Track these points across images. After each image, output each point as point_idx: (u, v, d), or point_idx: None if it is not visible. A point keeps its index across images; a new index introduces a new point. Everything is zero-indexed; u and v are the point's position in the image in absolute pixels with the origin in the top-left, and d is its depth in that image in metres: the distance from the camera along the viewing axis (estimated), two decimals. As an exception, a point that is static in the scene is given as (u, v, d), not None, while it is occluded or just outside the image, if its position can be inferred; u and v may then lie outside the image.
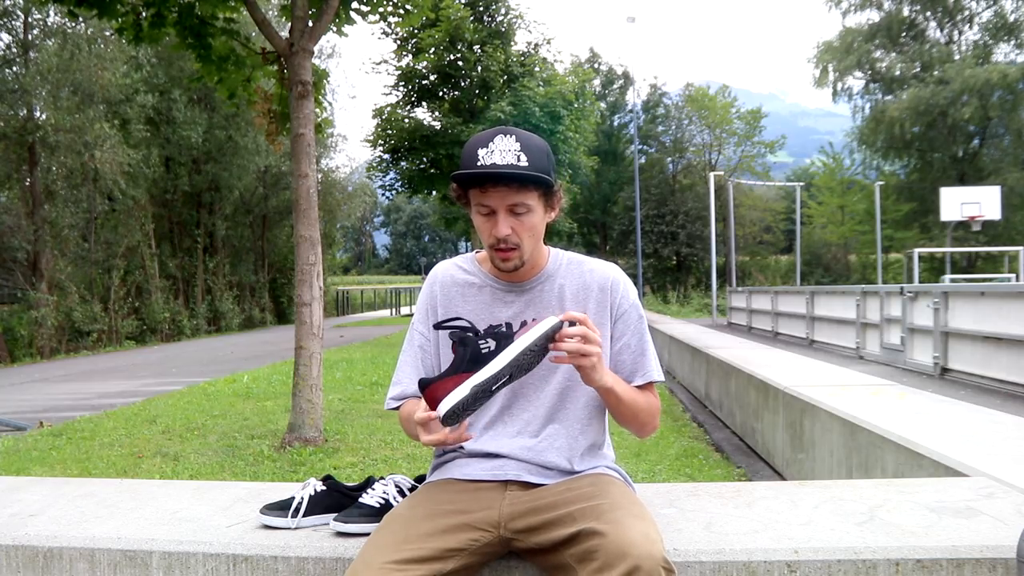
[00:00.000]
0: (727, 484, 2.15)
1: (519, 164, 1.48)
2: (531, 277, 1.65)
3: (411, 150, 18.69)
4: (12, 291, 16.68)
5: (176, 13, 5.94)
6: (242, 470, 4.94)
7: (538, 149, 1.52)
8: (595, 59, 40.14)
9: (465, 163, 1.51)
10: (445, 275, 1.71)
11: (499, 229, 1.52)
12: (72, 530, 1.74)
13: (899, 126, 28.77)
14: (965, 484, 1.99)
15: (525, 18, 19.41)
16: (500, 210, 1.51)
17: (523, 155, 1.49)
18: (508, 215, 1.52)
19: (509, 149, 1.49)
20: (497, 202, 1.51)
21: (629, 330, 1.66)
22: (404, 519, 1.48)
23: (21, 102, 16.34)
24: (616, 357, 1.65)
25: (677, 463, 4.94)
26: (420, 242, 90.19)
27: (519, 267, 1.58)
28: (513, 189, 1.50)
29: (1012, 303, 7.70)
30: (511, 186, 1.50)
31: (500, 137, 1.50)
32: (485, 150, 1.49)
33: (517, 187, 1.50)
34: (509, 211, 1.52)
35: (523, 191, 1.51)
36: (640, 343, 1.67)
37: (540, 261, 1.65)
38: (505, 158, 1.48)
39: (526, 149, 1.50)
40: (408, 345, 1.72)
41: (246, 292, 25.67)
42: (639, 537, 1.31)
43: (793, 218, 30.14)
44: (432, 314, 1.69)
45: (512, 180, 1.49)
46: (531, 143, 1.52)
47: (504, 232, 1.52)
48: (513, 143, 1.49)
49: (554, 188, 1.56)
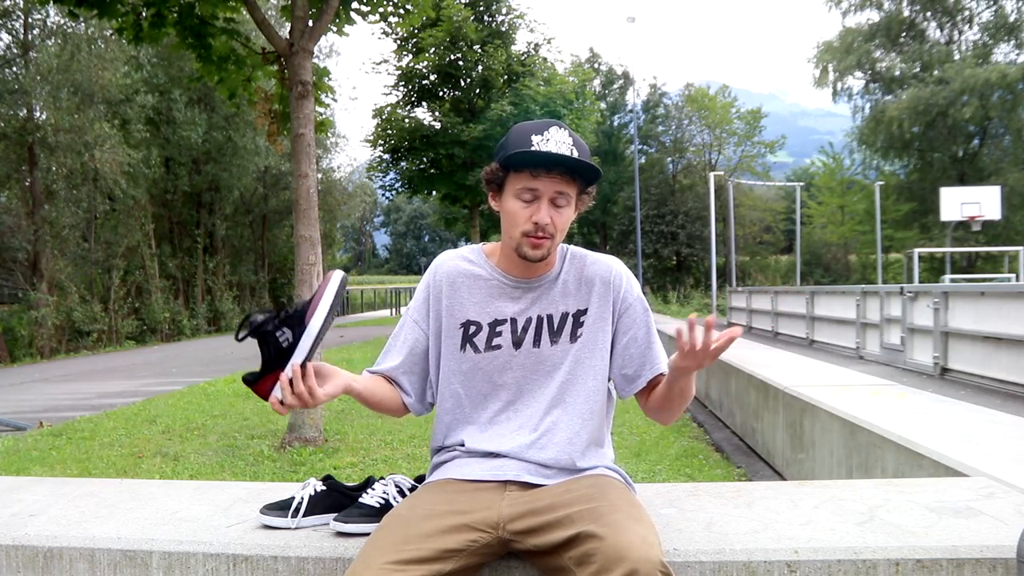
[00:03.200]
0: (727, 484, 2.15)
1: (573, 155, 1.51)
2: (540, 275, 1.65)
3: (411, 150, 18.68)
4: (12, 291, 16.68)
5: (176, 13, 5.95)
6: (242, 470, 4.94)
7: (585, 147, 1.56)
8: (595, 59, 40.17)
9: (517, 145, 1.52)
10: (450, 265, 1.70)
11: (542, 215, 1.53)
12: (72, 530, 1.74)
13: (899, 126, 28.76)
14: (965, 484, 1.99)
15: (526, 18, 19.42)
16: (545, 197, 1.53)
17: (575, 149, 1.52)
18: (551, 204, 1.54)
19: (564, 141, 1.52)
20: (545, 188, 1.53)
21: (635, 323, 1.66)
22: (404, 520, 1.48)
23: (21, 102, 16.34)
24: (624, 351, 1.65)
25: (677, 463, 4.94)
26: (420, 242, 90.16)
27: (545, 258, 1.58)
28: (564, 179, 1.53)
29: (1012, 303, 7.70)
30: (563, 175, 1.52)
31: (555, 128, 1.53)
32: (540, 137, 1.51)
33: (568, 177, 1.53)
34: (553, 200, 1.54)
35: (571, 182, 1.54)
36: (647, 336, 1.67)
37: (551, 259, 1.66)
38: (560, 148, 1.50)
39: (577, 144, 1.53)
40: (398, 329, 1.72)
41: (246, 292, 25.67)
42: (637, 541, 1.31)
43: (793, 218, 30.15)
44: (434, 301, 1.68)
45: (567, 168, 1.52)
46: (580, 140, 1.56)
47: (546, 219, 1.53)
48: (566, 136, 1.53)
49: (591, 187, 1.60)
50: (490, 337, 1.63)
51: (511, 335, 1.63)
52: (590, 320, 1.64)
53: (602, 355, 1.64)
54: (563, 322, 1.63)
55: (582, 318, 1.64)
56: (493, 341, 1.63)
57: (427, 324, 1.68)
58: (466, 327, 1.65)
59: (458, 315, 1.66)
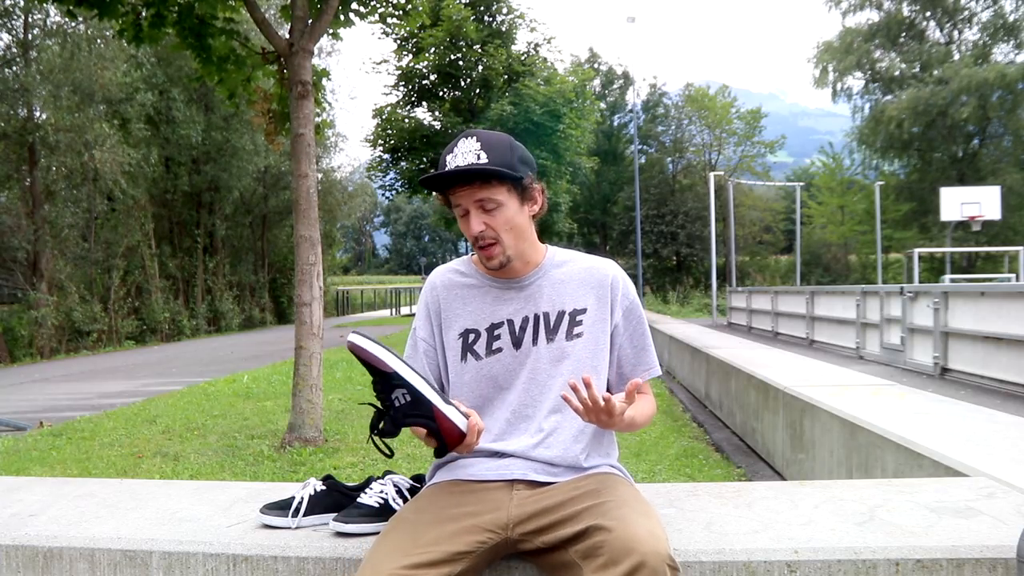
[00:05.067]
0: (727, 484, 2.15)
1: (478, 162, 1.53)
2: (527, 273, 1.66)
3: (411, 150, 18.70)
4: (12, 291, 16.67)
5: (176, 13, 5.94)
6: (242, 470, 4.93)
7: (499, 144, 1.57)
8: (595, 59, 40.14)
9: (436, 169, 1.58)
10: (443, 280, 1.72)
11: (472, 226, 1.57)
12: (72, 530, 1.74)
13: (898, 126, 28.77)
14: (965, 484, 1.99)
15: (526, 18, 19.43)
16: (471, 208, 1.57)
17: (483, 153, 1.54)
18: (479, 212, 1.56)
19: (470, 150, 1.54)
20: (466, 200, 1.57)
21: (631, 327, 1.69)
22: (411, 523, 1.48)
23: (21, 102, 16.34)
24: (620, 351, 1.68)
25: (677, 463, 4.94)
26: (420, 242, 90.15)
27: (504, 264, 1.60)
28: (476, 186, 1.55)
29: (1012, 303, 7.70)
30: (473, 184, 1.55)
31: (463, 140, 1.56)
32: (451, 155, 1.56)
33: (480, 183, 1.55)
34: (479, 208, 1.56)
35: (487, 187, 1.56)
36: (642, 339, 1.70)
37: (535, 257, 1.67)
38: (466, 159, 1.54)
39: (487, 147, 1.54)
40: (411, 351, 1.73)
41: (246, 292, 25.68)
42: (645, 534, 1.32)
43: (793, 218, 30.13)
44: (435, 318, 1.70)
45: (473, 177, 1.54)
46: (492, 140, 1.57)
47: (477, 228, 1.56)
48: (474, 143, 1.55)
49: (522, 180, 1.59)
50: (490, 341, 1.64)
51: (510, 336, 1.64)
52: (589, 320, 1.65)
53: (603, 355, 1.66)
54: (559, 320, 1.64)
55: (580, 317, 1.65)
56: (493, 345, 1.64)
57: (434, 340, 1.71)
58: (465, 336, 1.66)
59: (456, 326, 1.67)
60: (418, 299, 1.81)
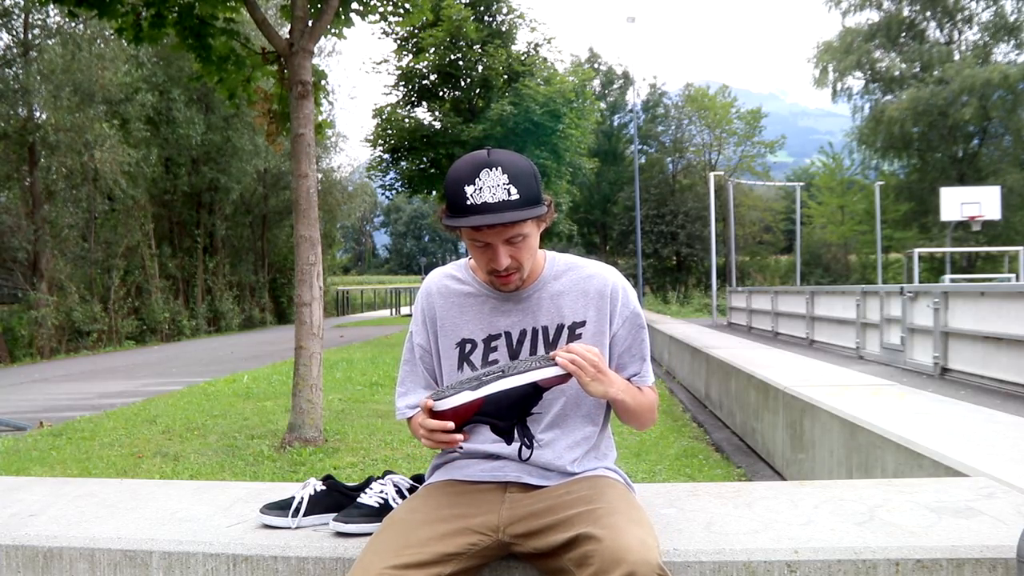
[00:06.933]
0: (727, 484, 2.15)
1: (511, 199, 1.42)
2: (528, 285, 1.63)
3: (411, 150, 18.68)
4: (12, 291, 16.67)
5: (176, 13, 5.94)
6: (242, 470, 4.93)
7: (525, 175, 1.46)
8: (595, 59, 40.14)
9: (453, 201, 1.46)
10: (440, 287, 1.69)
11: (499, 262, 1.50)
12: (72, 530, 1.74)
13: (899, 126, 28.79)
14: (965, 484, 1.99)
15: (526, 18, 19.42)
16: (497, 244, 1.49)
17: (512, 187, 1.43)
18: (505, 246, 1.50)
19: (498, 184, 1.42)
20: (493, 238, 1.48)
21: (631, 337, 1.66)
22: (403, 523, 1.48)
23: (21, 102, 16.34)
24: (618, 360, 1.66)
25: (677, 463, 4.94)
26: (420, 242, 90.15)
27: (518, 287, 1.58)
28: (508, 226, 1.46)
29: (1012, 303, 7.70)
30: (506, 224, 1.45)
31: (486, 172, 1.43)
32: (472, 187, 1.42)
33: (512, 223, 1.46)
34: (506, 243, 1.50)
35: (518, 225, 1.47)
36: (640, 350, 1.67)
37: (536, 268, 1.63)
38: (496, 195, 1.42)
39: (514, 180, 1.43)
40: (409, 355, 1.71)
41: (246, 292, 25.67)
42: (635, 543, 1.31)
43: (793, 218, 30.14)
44: (430, 325, 1.68)
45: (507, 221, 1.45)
46: (517, 170, 1.45)
47: (505, 263, 1.50)
48: (500, 176, 1.43)
49: (544, 210, 1.51)
50: (486, 353, 1.63)
51: (507, 349, 1.62)
52: (588, 333, 1.62)
53: None
54: (559, 334, 1.62)
55: (579, 330, 1.62)
56: (490, 357, 1.63)
57: (431, 347, 1.69)
58: (462, 346, 1.64)
59: (452, 335, 1.65)
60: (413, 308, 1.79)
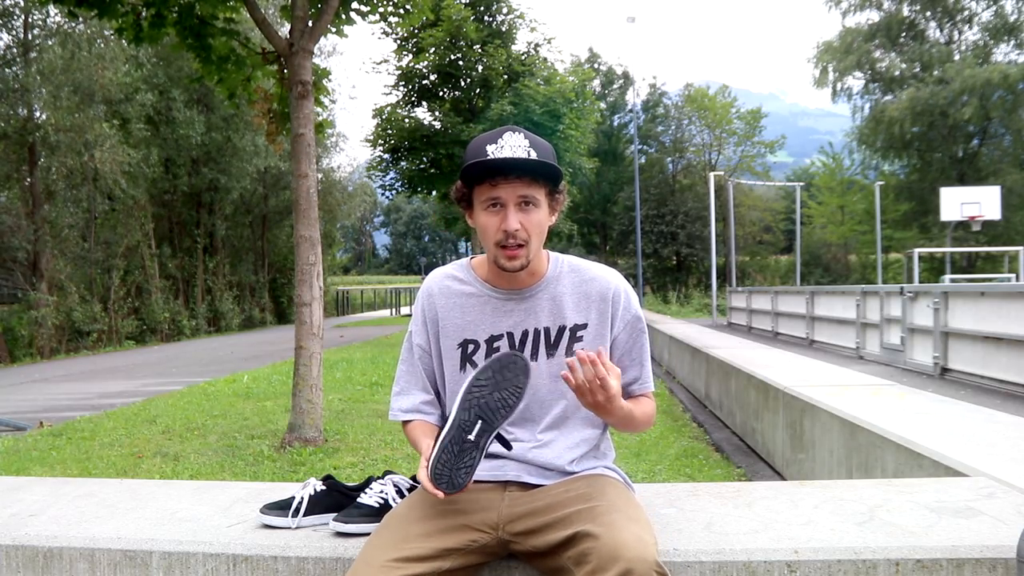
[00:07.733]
0: (727, 484, 2.15)
1: (531, 159, 1.50)
2: (531, 284, 1.63)
3: (411, 150, 18.67)
4: (12, 291, 16.68)
5: (176, 13, 5.94)
6: (242, 470, 4.93)
7: (545, 147, 1.54)
8: (595, 59, 40.16)
9: (473, 157, 1.52)
10: (440, 287, 1.69)
11: (509, 222, 1.51)
12: (72, 530, 1.74)
13: (899, 126, 28.77)
14: (965, 484, 1.99)
15: (526, 18, 19.41)
16: (510, 203, 1.51)
17: (532, 150, 1.50)
18: (517, 209, 1.52)
19: (519, 144, 1.50)
20: (508, 194, 1.51)
21: (631, 341, 1.66)
22: (403, 519, 1.49)
23: (21, 102, 16.34)
24: (618, 363, 1.65)
25: (677, 463, 4.94)
26: (420, 242, 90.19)
27: (524, 266, 1.56)
28: (524, 182, 1.50)
29: (1012, 303, 7.70)
30: (523, 178, 1.50)
31: (509, 134, 1.52)
32: (494, 146, 1.50)
33: (529, 180, 1.51)
34: (519, 205, 1.52)
35: (534, 184, 1.52)
36: (641, 354, 1.67)
37: (540, 267, 1.63)
38: (516, 152, 1.49)
39: (535, 145, 1.52)
40: (407, 355, 1.71)
41: (246, 292, 25.68)
42: (632, 540, 1.31)
43: (793, 218, 30.13)
44: (431, 325, 1.68)
45: (525, 171, 1.50)
46: (538, 140, 1.54)
47: (514, 225, 1.50)
48: (522, 139, 1.51)
49: (560, 185, 1.57)
50: (488, 353, 1.63)
51: (509, 349, 1.62)
52: (589, 336, 1.63)
53: None
54: (560, 336, 1.62)
55: (580, 332, 1.62)
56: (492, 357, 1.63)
57: (431, 347, 1.69)
58: (464, 346, 1.64)
59: (454, 336, 1.65)
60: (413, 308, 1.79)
